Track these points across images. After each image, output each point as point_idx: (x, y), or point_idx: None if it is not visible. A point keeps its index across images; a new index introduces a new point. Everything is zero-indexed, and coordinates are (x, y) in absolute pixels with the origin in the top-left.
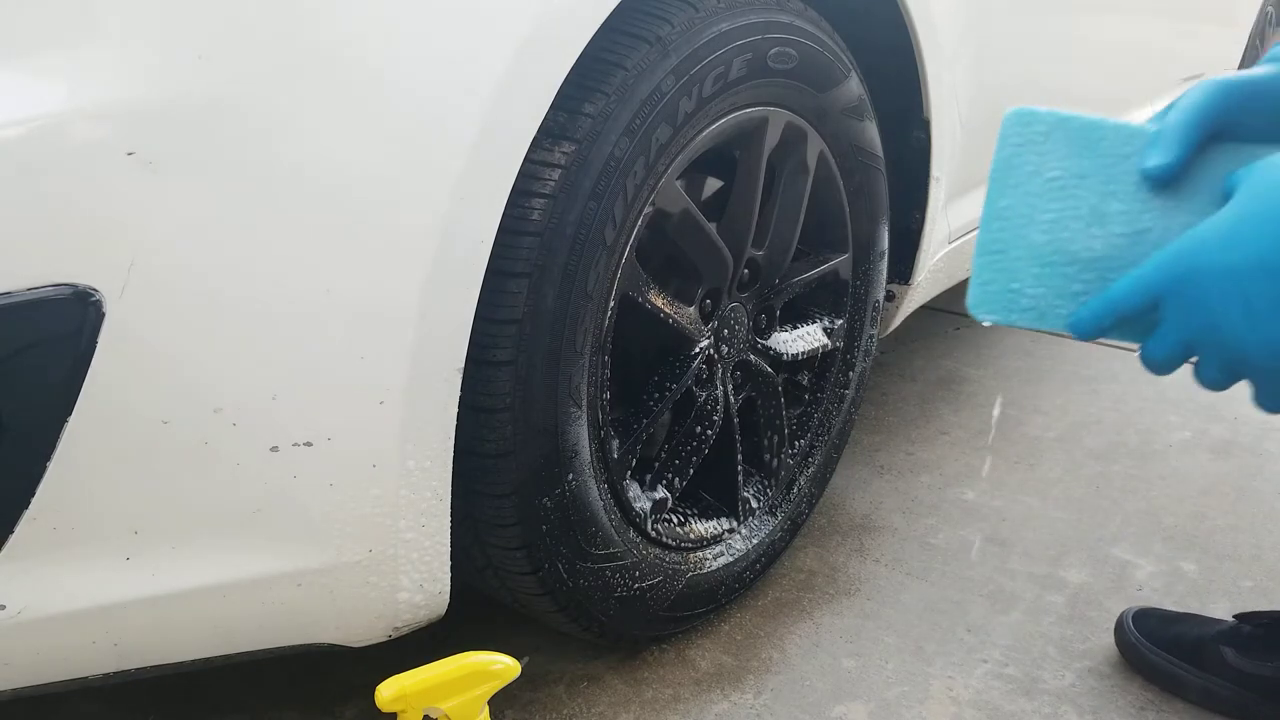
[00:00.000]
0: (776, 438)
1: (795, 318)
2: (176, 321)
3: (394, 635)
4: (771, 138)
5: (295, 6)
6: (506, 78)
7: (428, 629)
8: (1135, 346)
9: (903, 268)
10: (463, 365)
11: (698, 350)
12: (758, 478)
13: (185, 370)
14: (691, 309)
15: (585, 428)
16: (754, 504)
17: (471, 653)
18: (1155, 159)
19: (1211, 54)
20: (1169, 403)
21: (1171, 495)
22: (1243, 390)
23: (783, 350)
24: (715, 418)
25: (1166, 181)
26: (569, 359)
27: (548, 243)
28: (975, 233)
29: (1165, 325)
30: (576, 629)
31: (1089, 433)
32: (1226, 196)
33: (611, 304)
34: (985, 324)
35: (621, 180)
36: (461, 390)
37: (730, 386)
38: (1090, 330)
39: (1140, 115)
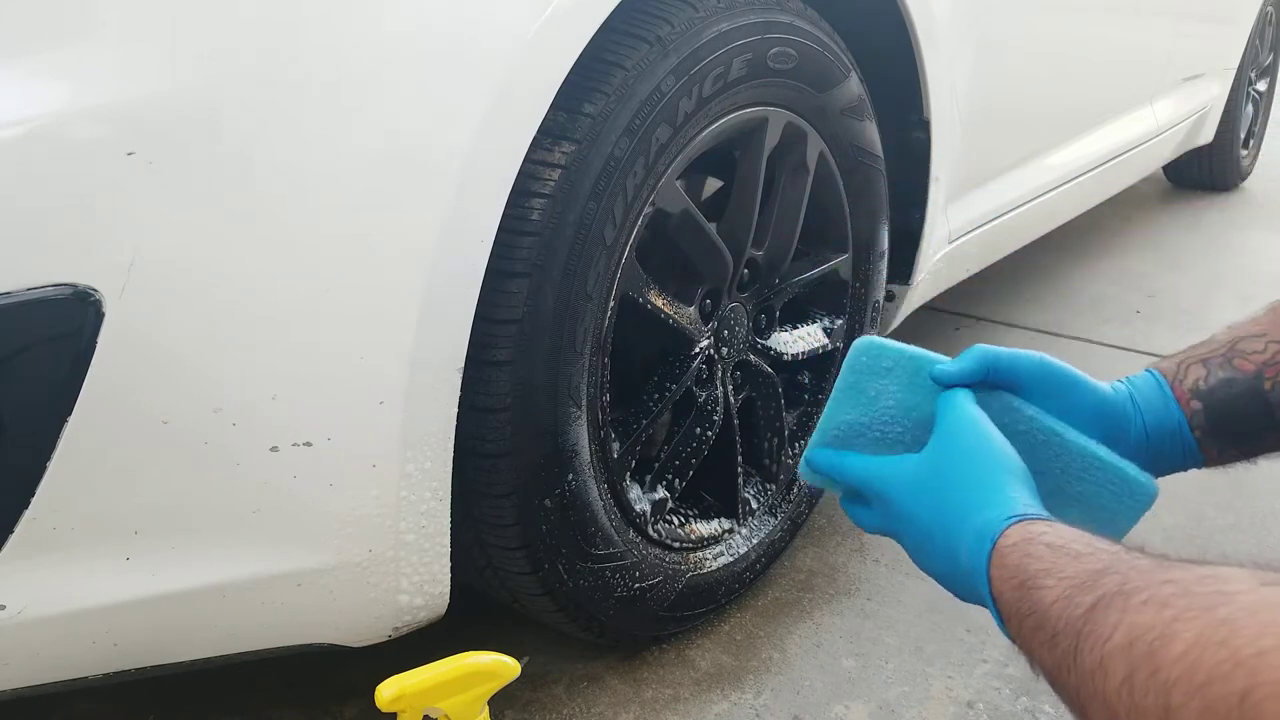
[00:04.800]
0: (776, 439)
1: (795, 318)
2: (176, 321)
3: (394, 635)
4: (771, 138)
5: (295, 7)
6: (507, 77)
7: (428, 629)
8: None
9: (903, 268)
10: (463, 365)
11: (698, 350)
12: (758, 478)
13: (185, 370)
14: (691, 309)
15: (585, 428)
16: (754, 504)
17: (471, 653)
18: (945, 365)
19: (1211, 54)
20: None
21: (1171, 495)
22: None
23: (783, 350)
24: (715, 418)
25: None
26: (569, 359)
27: (548, 243)
28: (976, 232)
29: (871, 511)
30: (576, 629)
31: None
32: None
33: (611, 304)
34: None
35: (621, 180)
36: (461, 390)
37: (730, 387)
38: (814, 477)
39: (1140, 116)
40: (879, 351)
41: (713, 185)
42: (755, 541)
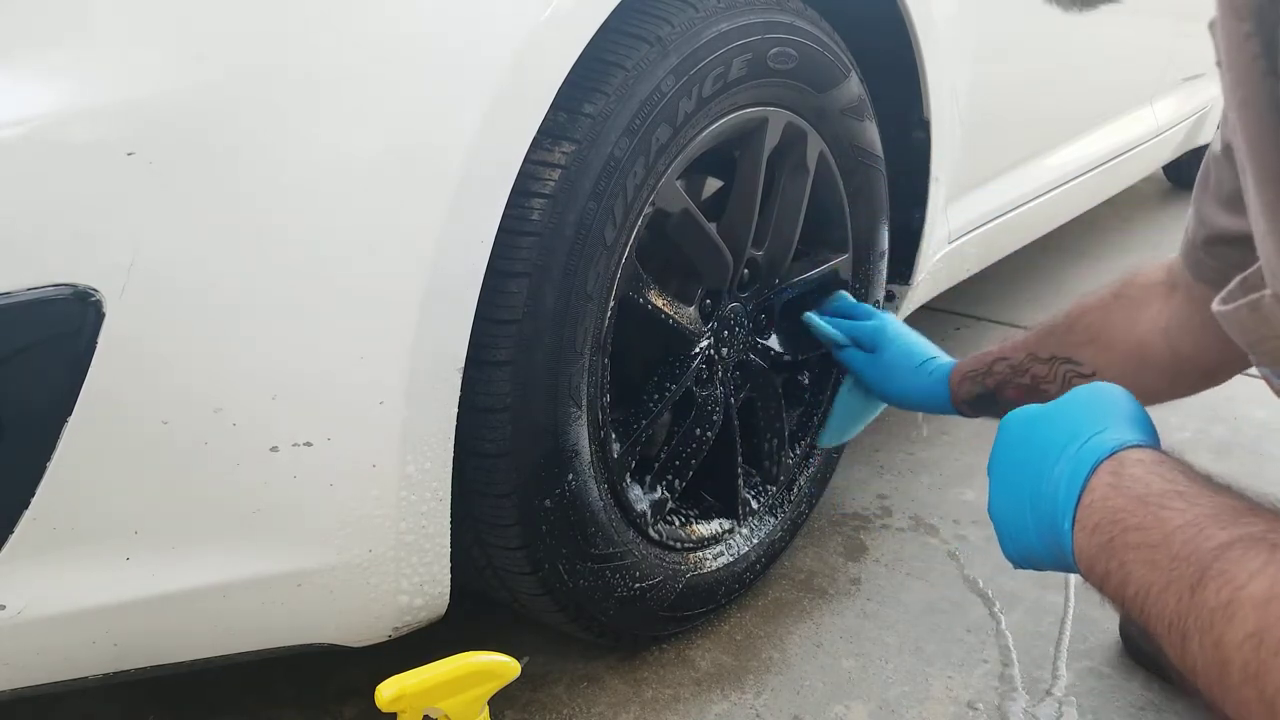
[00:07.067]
0: (776, 439)
1: (795, 318)
2: (176, 321)
3: (394, 635)
4: (771, 138)
5: (296, 7)
6: (507, 78)
7: (428, 629)
8: None
9: (903, 268)
10: (463, 365)
11: (698, 350)
12: (758, 478)
13: (185, 370)
14: (691, 309)
15: (585, 428)
16: (754, 504)
17: (471, 653)
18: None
19: (1211, 53)
20: (1170, 403)
21: None
22: (1244, 391)
23: (783, 350)
24: (715, 418)
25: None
26: (569, 359)
27: (548, 243)
28: (976, 232)
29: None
30: (576, 629)
31: None
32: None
33: (611, 304)
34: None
35: (621, 180)
36: (461, 390)
37: (730, 387)
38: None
39: (1140, 116)
40: None
41: (713, 185)
42: (755, 542)
